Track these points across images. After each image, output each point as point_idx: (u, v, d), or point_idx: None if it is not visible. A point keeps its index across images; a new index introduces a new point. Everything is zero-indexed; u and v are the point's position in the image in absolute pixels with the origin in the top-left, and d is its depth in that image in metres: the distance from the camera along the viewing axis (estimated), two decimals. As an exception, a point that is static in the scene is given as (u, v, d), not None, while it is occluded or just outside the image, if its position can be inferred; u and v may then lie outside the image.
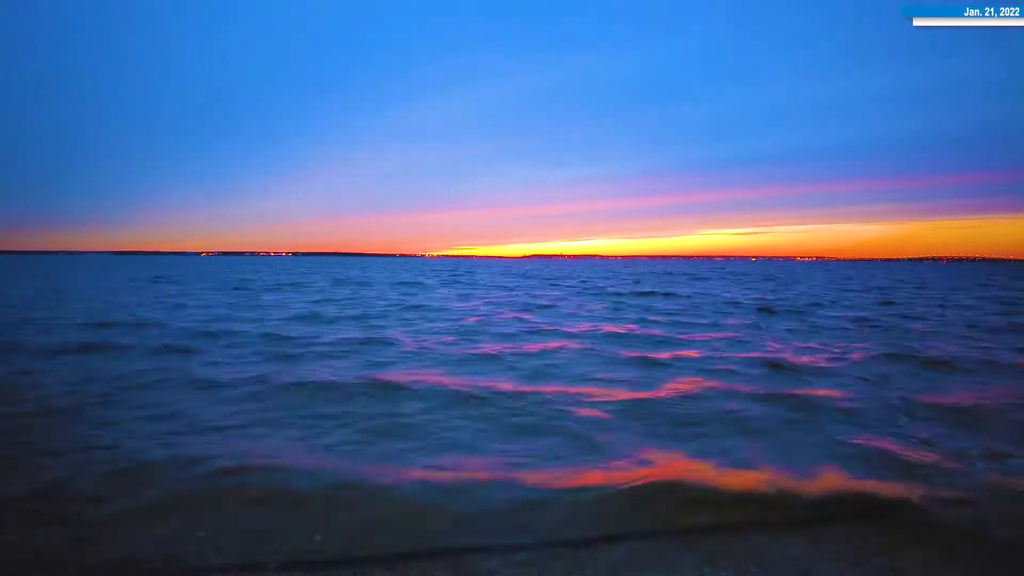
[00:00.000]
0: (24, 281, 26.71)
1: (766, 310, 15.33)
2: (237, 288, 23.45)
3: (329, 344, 8.98)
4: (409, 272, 49.09)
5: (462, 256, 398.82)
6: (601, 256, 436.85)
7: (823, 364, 7.64)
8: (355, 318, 12.98)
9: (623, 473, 3.76)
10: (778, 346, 9.17)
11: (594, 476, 3.71)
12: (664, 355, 8.25)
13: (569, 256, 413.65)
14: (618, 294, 21.77)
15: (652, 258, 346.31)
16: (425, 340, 9.49)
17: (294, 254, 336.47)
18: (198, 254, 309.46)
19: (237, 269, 53.37)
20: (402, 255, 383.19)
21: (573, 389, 6.06)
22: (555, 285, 28.63)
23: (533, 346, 8.99)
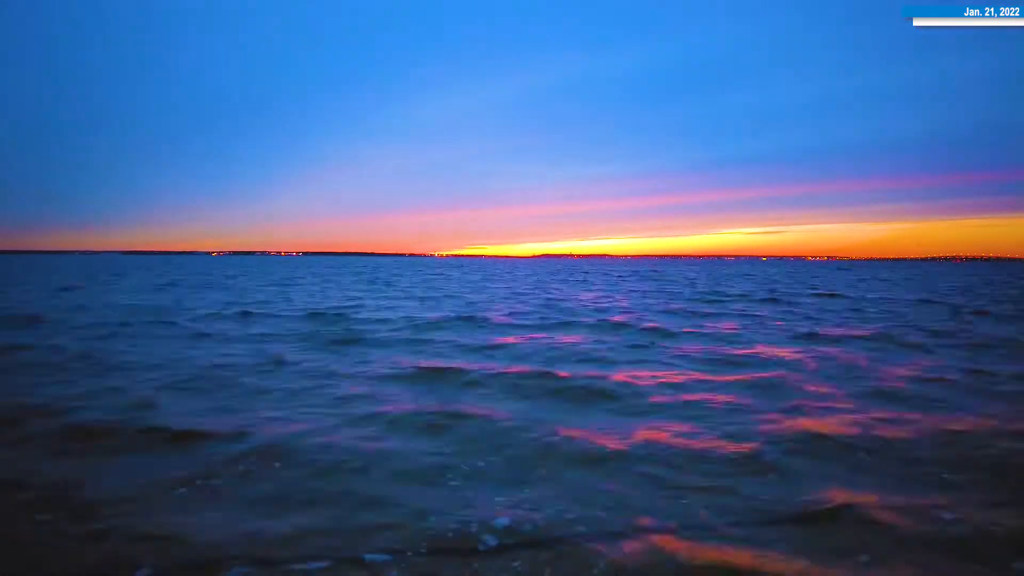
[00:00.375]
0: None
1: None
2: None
3: None
4: (552, 272, 45.02)
5: (472, 256, 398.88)
6: (611, 255, 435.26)
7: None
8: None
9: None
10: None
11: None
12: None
13: (579, 256, 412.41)
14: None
15: (664, 257, 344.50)
16: None
17: (304, 253, 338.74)
18: (209, 253, 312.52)
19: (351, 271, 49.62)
20: (412, 255, 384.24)
21: None
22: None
23: None
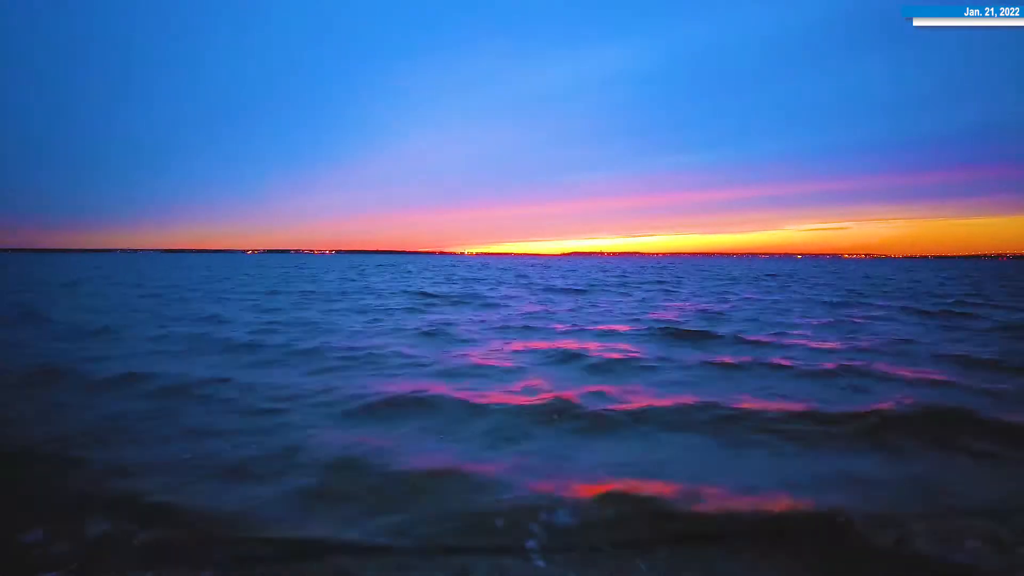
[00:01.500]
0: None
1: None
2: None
3: None
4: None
5: (499, 254, 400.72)
6: (642, 253, 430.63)
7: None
8: None
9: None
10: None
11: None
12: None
13: (612, 254, 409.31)
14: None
15: (694, 255, 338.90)
16: None
17: (336, 252, 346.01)
18: (244, 252, 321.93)
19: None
20: (440, 252, 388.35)
21: None
22: None
23: None
